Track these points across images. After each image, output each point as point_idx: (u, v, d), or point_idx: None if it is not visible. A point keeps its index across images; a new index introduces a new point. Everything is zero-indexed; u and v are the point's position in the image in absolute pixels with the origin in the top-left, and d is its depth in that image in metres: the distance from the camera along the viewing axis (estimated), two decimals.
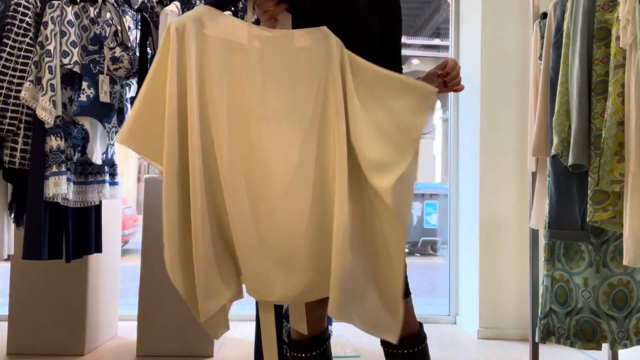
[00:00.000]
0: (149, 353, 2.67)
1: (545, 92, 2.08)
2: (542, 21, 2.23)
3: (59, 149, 2.18)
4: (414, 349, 1.32)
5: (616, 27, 1.75)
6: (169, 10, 2.19)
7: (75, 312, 2.68)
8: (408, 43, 13.36)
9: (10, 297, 2.67)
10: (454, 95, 3.60)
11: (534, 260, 2.35)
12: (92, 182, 2.42)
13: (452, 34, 3.65)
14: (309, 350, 1.38)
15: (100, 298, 2.83)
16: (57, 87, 2.17)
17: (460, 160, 3.54)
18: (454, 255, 3.57)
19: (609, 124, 1.72)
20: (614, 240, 1.95)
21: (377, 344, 1.38)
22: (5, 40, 2.16)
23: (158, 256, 2.69)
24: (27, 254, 2.15)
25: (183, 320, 2.67)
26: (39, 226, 2.15)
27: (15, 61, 2.17)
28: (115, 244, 3.00)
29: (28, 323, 2.67)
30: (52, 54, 2.15)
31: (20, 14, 2.18)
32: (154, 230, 2.70)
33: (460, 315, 3.45)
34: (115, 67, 2.28)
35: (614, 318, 1.95)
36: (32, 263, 2.65)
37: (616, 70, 1.72)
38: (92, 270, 2.73)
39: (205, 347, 2.68)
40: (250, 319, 3.43)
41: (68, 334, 2.67)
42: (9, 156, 2.17)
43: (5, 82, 2.15)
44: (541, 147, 2.09)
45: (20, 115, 2.18)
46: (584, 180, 1.86)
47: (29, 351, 2.66)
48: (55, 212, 2.25)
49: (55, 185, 2.15)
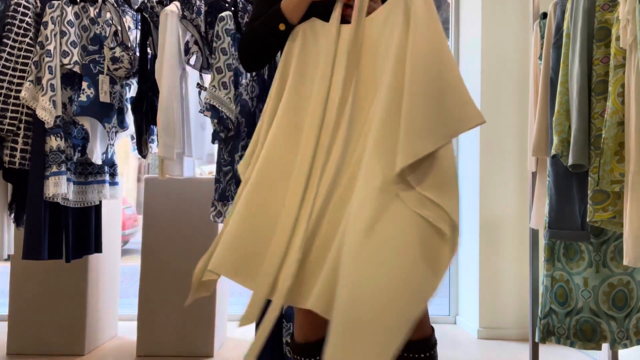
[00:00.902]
0: (149, 353, 2.67)
1: (545, 92, 2.08)
2: (542, 21, 2.23)
3: (59, 149, 2.18)
4: (425, 354, 1.29)
5: (616, 27, 1.75)
6: (169, 10, 2.19)
7: (75, 312, 2.68)
8: None
9: (10, 297, 2.67)
10: None
11: (534, 260, 2.35)
12: (92, 182, 2.42)
13: (452, 34, 3.65)
14: (312, 355, 1.35)
15: (100, 298, 2.83)
16: (57, 87, 2.17)
17: (460, 160, 3.54)
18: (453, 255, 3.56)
19: (609, 124, 1.72)
20: (614, 240, 1.95)
21: None
22: (5, 40, 2.16)
23: (158, 256, 2.69)
24: (27, 254, 2.15)
25: (183, 320, 2.67)
26: (39, 226, 2.15)
27: (15, 61, 2.17)
28: (115, 244, 3.00)
29: (28, 323, 2.67)
30: (52, 54, 2.15)
31: (20, 14, 2.18)
32: (154, 230, 2.70)
33: (460, 315, 3.45)
34: (115, 67, 2.28)
35: (614, 318, 1.95)
36: (32, 263, 2.64)
37: (616, 70, 1.72)
38: (92, 270, 2.73)
39: (205, 347, 2.68)
40: None
41: (68, 334, 2.67)
42: (9, 156, 2.17)
43: (5, 82, 2.15)
44: (541, 147, 2.09)
45: (20, 115, 2.18)
46: (584, 180, 1.86)
47: (29, 351, 2.66)
48: (55, 212, 2.25)
49: (55, 185, 2.15)
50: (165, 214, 2.71)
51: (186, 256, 2.67)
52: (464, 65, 3.47)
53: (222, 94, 2.13)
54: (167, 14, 2.18)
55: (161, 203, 2.72)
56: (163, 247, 2.69)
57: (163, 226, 2.71)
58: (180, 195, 2.73)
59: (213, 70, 2.14)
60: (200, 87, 2.34)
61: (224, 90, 2.13)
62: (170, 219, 2.71)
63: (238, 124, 2.20)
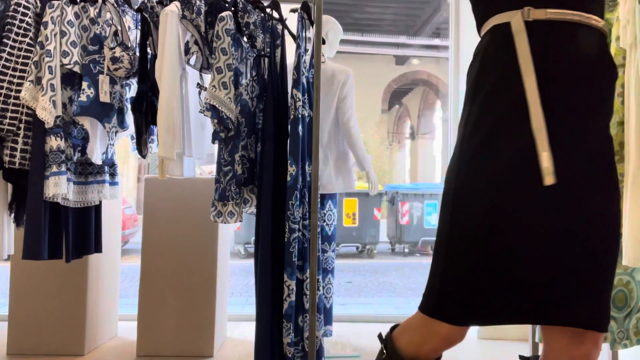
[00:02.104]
0: (149, 353, 2.67)
1: None
2: None
3: (59, 149, 2.18)
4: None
5: (616, 27, 1.75)
6: (169, 10, 2.19)
7: (75, 312, 2.68)
8: (408, 43, 13.37)
9: (10, 297, 2.67)
10: (454, 95, 3.59)
11: None
12: (92, 182, 2.42)
13: (452, 34, 3.65)
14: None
15: (100, 298, 2.83)
16: (57, 87, 2.17)
17: None
18: None
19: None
20: None
21: (377, 343, 1.38)
22: (5, 40, 2.16)
23: (158, 256, 2.69)
24: (27, 254, 2.15)
25: (183, 320, 2.67)
26: (39, 226, 2.15)
27: (15, 61, 2.17)
28: (115, 244, 3.00)
29: (28, 323, 2.67)
30: (52, 54, 2.15)
31: (20, 14, 2.18)
32: (154, 230, 2.70)
33: None
34: (115, 67, 2.28)
35: (614, 318, 1.94)
36: (32, 263, 2.65)
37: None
38: (92, 270, 2.73)
39: (205, 347, 2.68)
40: (251, 319, 3.44)
41: (68, 334, 2.67)
42: (9, 156, 2.17)
43: (5, 82, 2.15)
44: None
45: (20, 115, 2.18)
46: None
47: (29, 351, 2.66)
48: (55, 212, 2.25)
49: (55, 185, 2.15)
50: (165, 214, 2.71)
51: (186, 256, 2.67)
52: (464, 65, 3.47)
53: (222, 94, 2.13)
54: (167, 14, 2.18)
55: (161, 203, 2.72)
56: (163, 247, 2.69)
57: (163, 226, 2.71)
58: (180, 195, 2.73)
59: (213, 70, 2.14)
60: (200, 87, 2.34)
61: (224, 90, 2.13)
62: (170, 219, 2.71)
63: (238, 124, 2.20)
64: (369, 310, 4.51)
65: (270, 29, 2.33)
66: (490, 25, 1.24)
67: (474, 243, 1.11)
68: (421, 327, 1.20)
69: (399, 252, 8.52)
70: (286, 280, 2.16)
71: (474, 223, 1.12)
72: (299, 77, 2.21)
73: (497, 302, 1.10)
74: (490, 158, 1.12)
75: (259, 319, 2.18)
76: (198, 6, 2.25)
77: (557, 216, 1.08)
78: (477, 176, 1.13)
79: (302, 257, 2.22)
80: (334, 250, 2.76)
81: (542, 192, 1.07)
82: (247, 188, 2.32)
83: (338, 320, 3.50)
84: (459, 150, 1.19)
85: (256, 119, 2.31)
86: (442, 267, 1.16)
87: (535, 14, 1.14)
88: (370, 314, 4.09)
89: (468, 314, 1.14)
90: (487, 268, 1.10)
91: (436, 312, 1.17)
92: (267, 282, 2.18)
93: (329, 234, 2.74)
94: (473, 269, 1.11)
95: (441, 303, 1.16)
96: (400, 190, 8.18)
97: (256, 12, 2.30)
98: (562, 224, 1.08)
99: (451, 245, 1.15)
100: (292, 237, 2.16)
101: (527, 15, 1.14)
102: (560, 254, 1.07)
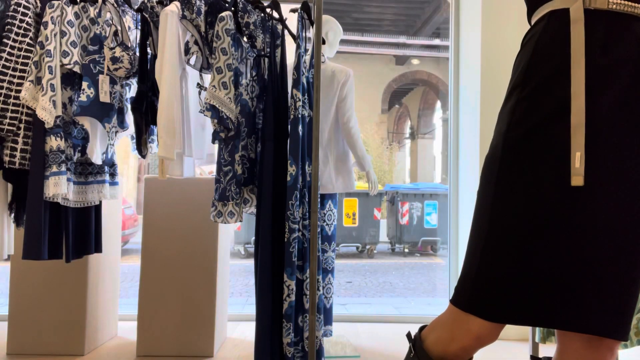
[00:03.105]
0: (149, 353, 2.67)
1: None
2: None
3: (59, 149, 2.18)
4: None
5: None
6: (169, 10, 2.19)
7: (75, 312, 2.68)
8: (408, 43, 13.38)
9: (10, 297, 2.67)
10: (454, 95, 3.60)
11: None
12: (92, 182, 2.42)
13: (452, 34, 3.65)
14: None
15: (100, 298, 2.83)
16: (57, 87, 2.17)
17: (460, 160, 3.54)
18: (454, 255, 3.56)
19: None
20: None
21: (377, 343, 1.38)
22: (5, 40, 2.16)
23: (158, 256, 2.69)
24: (27, 254, 2.15)
25: (183, 320, 2.67)
26: (39, 226, 2.15)
27: (15, 61, 2.17)
28: (115, 244, 3.00)
29: (28, 323, 2.67)
30: (52, 54, 2.15)
31: (20, 14, 2.18)
32: (154, 230, 2.70)
33: None
34: (115, 67, 2.28)
35: None
36: (32, 263, 2.65)
37: None
38: (92, 270, 2.73)
39: (205, 347, 2.69)
40: (250, 319, 3.44)
41: (68, 334, 2.67)
42: (9, 156, 2.17)
43: (5, 82, 2.15)
44: None
45: (20, 115, 2.18)
46: None
47: (29, 351, 2.66)
48: (55, 212, 2.25)
49: (55, 185, 2.15)
50: (165, 214, 2.72)
51: (186, 256, 2.67)
52: (464, 65, 3.48)
53: (222, 94, 2.13)
54: (167, 14, 2.18)
55: (161, 203, 2.72)
56: (163, 247, 2.70)
57: (163, 226, 2.71)
58: (180, 195, 2.73)
59: (213, 70, 2.14)
60: (200, 87, 2.34)
61: (224, 90, 2.13)
62: (170, 219, 2.71)
63: (238, 124, 2.20)
64: (369, 310, 4.51)
65: (270, 29, 2.33)
66: (545, 11, 1.14)
67: (514, 238, 1.08)
68: (451, 322, 1.16)
69: (399, 252, 8.52)
70: (286, 280, 2.16)
71: (515, 221, 1.08)
72: (299, 77, 2.21)
73: (526, 301, 1.08)
74: (533, 154, 1.08)
75: (259, 319, 2.18)
76: (198, 6, 2.25)
77: (589, 221, 1.04)
78: (520, 171, 1.09)
79: (302, 257, 2.22)
80: (334, 250, 2.76)
81: (579, 194, 1.04)
82: (247, 188, 2.32)
83: (338, 320, 3.50)
84: (502, 139, 1.13)
85: (256, 119, 2.31)
86: (478, 259, 1.12)
87: (597, 2, 1.06)
88: (370, 314, 4.08)
89: (501, 310, 1.09)
90: (522, 265, 1.07)
91: (470, 306, 1.12)
92: (267, 282, 2.18)
93: (329, 234, 2.75)
94: (510, 264, 1.08)
95: (476, 296, 1.12)
96: (400, 190, 8.18)
97: (256, 12, 2.30)
98: (591, 229, 1.04)
99: (490, 237, 1.12)
100: (292, 237, 2.16)
101: (588, 3, 1.06)
102: (586, 259, 1.05)
